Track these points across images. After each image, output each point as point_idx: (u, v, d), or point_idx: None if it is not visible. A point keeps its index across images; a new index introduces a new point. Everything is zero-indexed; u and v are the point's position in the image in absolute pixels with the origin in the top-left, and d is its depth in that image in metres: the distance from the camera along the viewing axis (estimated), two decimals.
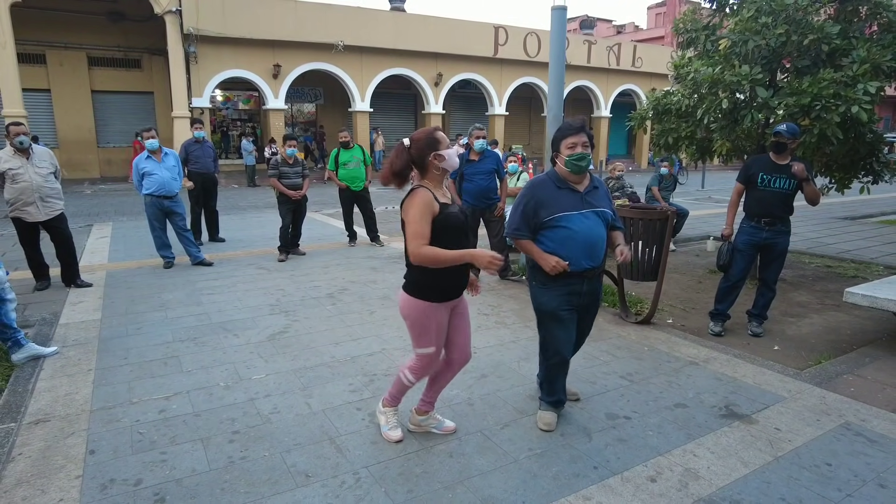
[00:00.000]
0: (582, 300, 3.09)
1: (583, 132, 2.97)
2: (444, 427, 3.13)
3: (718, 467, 2.79)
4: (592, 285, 3.12)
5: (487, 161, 6.18)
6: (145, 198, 6.85)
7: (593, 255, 3.02)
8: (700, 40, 6.09)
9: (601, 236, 3.04)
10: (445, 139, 2.75)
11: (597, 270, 3.09)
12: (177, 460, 2.86)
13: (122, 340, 4.52)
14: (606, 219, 3.08)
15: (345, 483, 2.67)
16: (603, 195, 3.12)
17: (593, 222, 3.01)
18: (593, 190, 3.07)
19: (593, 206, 3.03)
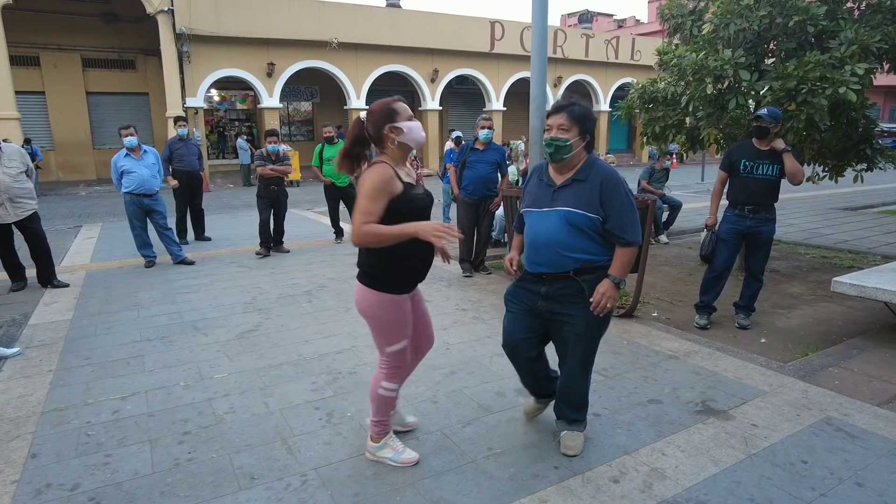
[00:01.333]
0: (539, 305, 2.65)
1: (561, 112, 2.51)
2: (406, 423, 2.98)
3: (687, 466, 2.64)
4: (554, 290, 2.60)
5: (492, 152, 6.11)
6: (125, 196, 6.74)
7: (547, 261, 2.58)
8: (686, 26, 5.92)
9: (554, 240, 2.54)
10: (406, 111, 2.47)
11: (550, 276, 2.60)
12: (120, 463, 2.74)
13: (88, 340, 4.41)
14: (571, 220, 2.50)
15: (290, 485, 2.54)
16: (585, 192, 2.50)
17: (551, 224, 2.54)
18: (574, 184, 2.53)
19: (559, 205, 2.53)
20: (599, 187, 2.49)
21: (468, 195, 6.05)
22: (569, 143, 2.49)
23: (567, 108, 2.51)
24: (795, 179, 4.37)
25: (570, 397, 2.79)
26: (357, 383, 3.55)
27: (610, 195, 2.49)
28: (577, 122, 2.49)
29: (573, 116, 2.49)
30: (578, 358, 2.67)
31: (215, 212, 11.88)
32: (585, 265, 2.55)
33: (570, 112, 2.49)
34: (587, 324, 2.58)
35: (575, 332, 2.61)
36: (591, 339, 2.65)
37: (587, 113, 2.54)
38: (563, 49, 22.94)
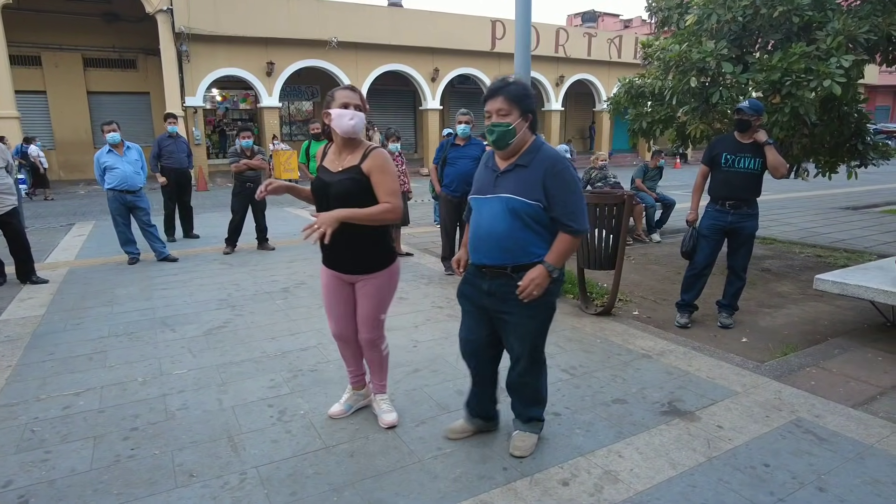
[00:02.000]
0: (482, 301, 2.51)
1: (498, 96, 2.32)
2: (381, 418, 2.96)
3: (643, 469, 2.52)
4: (495, 287, 2.45)
5: (473, 148, 6.00)
6: (108, 192, 6.70)
7: (487, 252, 2.42)
8: (673, 18, 5.80)
9: (495, 230, 2.38)
10: (343, 98, 2.55)
11: (491, 270, 2.44)
12: (59, 460, 2.66)
13: (55, 336, 4.35)
14: (512, 207, 2.34)
15: (227, 483, 2.45)
16: (527, 177, 2.34)
17: (492, 211, 2.39)
18: (516, 169, 2.37)
19: (501, 191, 2.38)
20: (543, 172, 2.34)
21: (450, 192, 5.95)
22: (511, 128, 2.32)
23: (503, 89, 2.33)
24: (777, 173, 4.24)
25: (522, 393, 2.67)
26: (316, 381, 3.46)
27: (553, 180, 2.33)
28: (516, 104, 2.32)
29: (511, 97, 2.31)
30: (526, 354, 2.54)
31: (209, 210, 11.84)
32: (526, 264, 2.39)
33: (507, 93, 2.32)
34: (529, 320, 2.45)
35: (516, 329, 2.48)
36: (534, 334, 2.52)
37: (525, 91, 2.37)
38: (564, 48, 22.78)
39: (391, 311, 4.77)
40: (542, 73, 22.85)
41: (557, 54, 22.66)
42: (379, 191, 2.58)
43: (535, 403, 2.69)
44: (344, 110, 2.53)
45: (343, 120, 2.52)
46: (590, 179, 8.08)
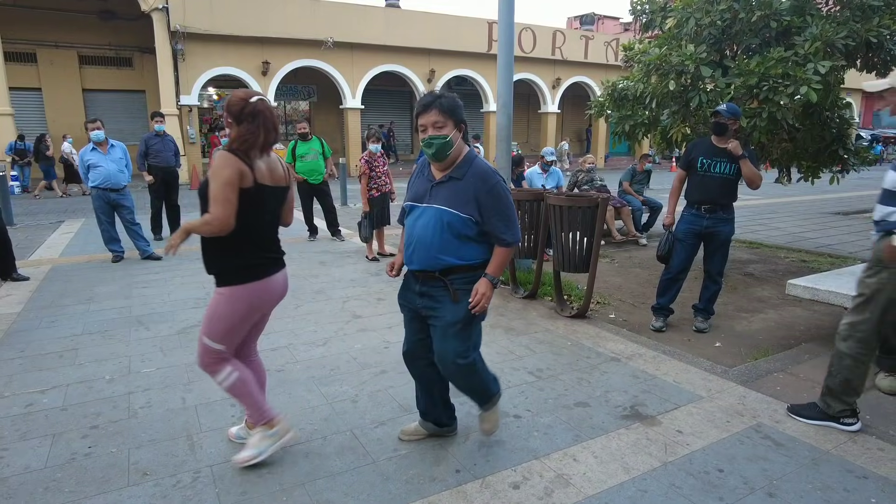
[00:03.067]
0: (416, 302, 2.53)
1: (432, 109, 2.35)
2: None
3: (596, 473, 2.52)
4: (426, 289, 2.48)
5: None
6: (91, 190, 6.70)
7: (419, 258, 2.44)
8: (656, 22, 5.80)
9: (426, 239, 2.40)
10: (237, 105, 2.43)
11: (423, 273, 2.47)
12: (14, 457, 2.66)
13: (28, 333, 4.35)
14: (444, 219, 2.36)
15: (180, 482, 2.45)
16: (460, 190, 2.37)
17: (426, 220, 2.41)
18: (450, 181, 2.40)
19: (434, 202, 2.41)
20: (475, 186, 2.37)
21: None
22: (448, 139, 2.35)
23: (435, 102, 2.35)
24: (753, 185, 4.25)
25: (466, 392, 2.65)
26: (282, 381, 3.46)
27: (486, 195, 2.37)
28: (450, 115, 2.35)
29: (444, 110, 2.34)
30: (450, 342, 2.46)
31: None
32: (453, 267, 2.42)
33: (440, 106, 2.34)
34: (454, 317, 2.43)
35: (442, 325, 2.46)
36: (461, 328, 2.45)
37: (456, 103, 2.40)
38: (561, 50, 22.80)
39: (367, 311, 4.82)
40: (538, 76, 22.87)
41: (554, 57, 22.67)
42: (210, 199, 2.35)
43: (483, 394, 2.64)
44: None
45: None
46: (577, 182, 8.09)
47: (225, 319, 2.47)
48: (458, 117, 2.38)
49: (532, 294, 5.08)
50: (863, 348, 2.86)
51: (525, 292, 5.15)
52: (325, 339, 4.17)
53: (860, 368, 2.88)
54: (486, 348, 3.90)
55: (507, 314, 4.67)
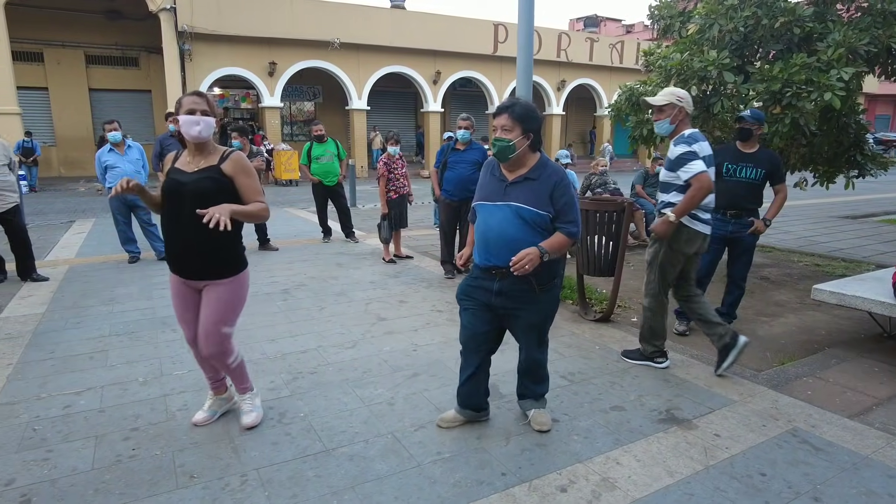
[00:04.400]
0: (492, 300, 2.72)
1: (503, 113, 2.60)
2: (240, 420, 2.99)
3: (640, 477, 2.55)
4: (506, 286, 2.67)
5: (473, 152, 6.03)
6: (108, 191, 6.71)
7: (497, 253, 2.62)
8: (675, 27, 5.83)
9: (506, 234, 2.60)
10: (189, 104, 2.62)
11: (501, 271, 2.64)
12: (61, 459, 2.68)
13: (56, 334, 4.37)
14: (523, 215, 2.59)
15: (228, 485, 2.47)
16: (537, 190, 2.60)
17: (503, 217, 2.61)
18: (525, 182, 2.62)
19: (511, 200, 2.62)
20: (552, 187, 2.61)
21: (449, 196, 5.98)
22: (512, 144, 2.57)
23: (508, 108, 2.59)
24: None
25: (534, 373, 2.95)
26: (316, 383, 3.48)
27: (561, 194, 2.62)
28: (518, 122, 2.57)
29: (514, 116, 2.57)
30: (535, 340, 2.85)
31: None
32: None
33: (512, 112, 2.57)
34: (539, 316, 2.77)
35: (529, 324, 2.77)
36: (543, 324, 2.83)
37: (528, 112, 2.60)
38: (566, 52, 22.85)
39: (391, 313, 4.84)
40: (543, 78, 22.90)
41: (559, 59, 22.71)
42: (248, 192, 2.73)
43: (544, 380, 2.99)
44: (190, 116, 2.60)
45: (190, 126, 2.61)
46: (590, 185, 8.11)
47: (242, 301, 2.88)
48: (526, 125, 2.58)
49: None
50: (654, 302, 3.77)
51: (599, 314, 5.05)
52: (353, 341, 4.19)
53: (658, 317, 3.76)
54: (513, 353, 3.92)
55: None
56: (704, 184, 3.42)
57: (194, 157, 2.73)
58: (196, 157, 2.73)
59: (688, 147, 3.48)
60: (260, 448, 2.76)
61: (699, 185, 3.42)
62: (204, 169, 2.68)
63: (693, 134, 3.55)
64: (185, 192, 2.65)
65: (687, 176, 3.46)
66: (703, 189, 3.43)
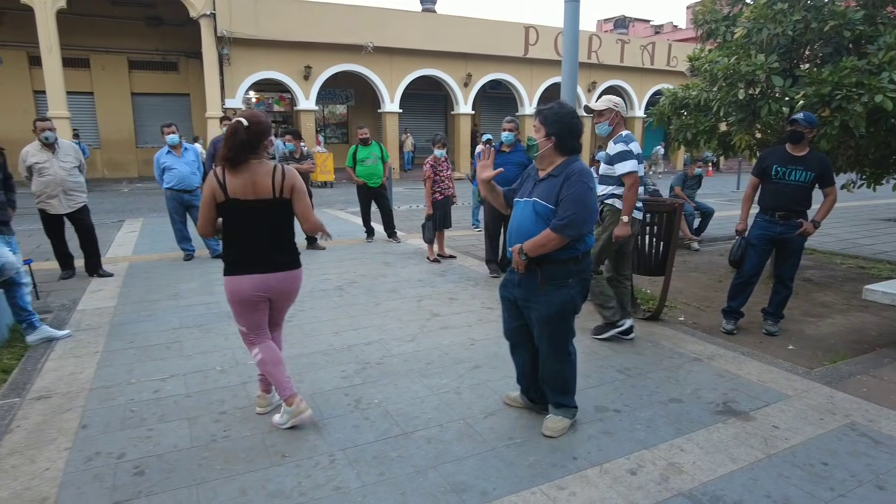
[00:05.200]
0: (514, 294, 2.91)
1: (535, 116, 2.86)
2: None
3: (704, 463, 2.68)
4: (523, 279, 2.80)
5: (517, 154, 6.17)
6: (166, 192, 7.03)
7: (512, 243, 2.82)
8: (720, 31, 5.90)
9: (522, 227, 2.76)
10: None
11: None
12: (162, 437, 2.91)
13: (131, 326, 4.65)
14: (537, 209, 2.72)
15: (319, 464, 2.67)
16: (553, 185, 2.72)
17: (523, 211, 2.80)
18: (547, 178, 2.77)
19: (534, 195, 2.78)
20: (562, 182, 2.70)
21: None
22: (535, 143, 2.80)
23: (540, 112, 2.80)
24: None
25: (548, 379, 2.96)
26: (385, 373, 3.67)
27: (567, 187, 2.67)
28: (543, 125, 2.75)
29: (541, 119, 2.78)
30: (545, 340, 2.86)
31: None
32: (543, 256, 2.73)
33: (540, 114, 2.79)
34: (548, 310, 2.78)
35: (536, 317, 2.83)
36: (553, 322, 2.81)
37: (554, 117, 2.73)
38: (597, 54, 22.84)
39: (443, 310, 5.03)
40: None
41: (590, 60, 22.71)
42: None
43: (561, 391, 2.96)
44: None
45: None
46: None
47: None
48: (550, 129, 2.74)
49: None
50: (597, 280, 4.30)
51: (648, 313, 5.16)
52: (412, 335, 4.38)
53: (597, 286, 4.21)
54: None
55: (581, 315, 4.80)
56: (636, 181, 4.04)
57: None
58: None
59: (625, 146, 4.09)
60: (342, 431, 2.96)
61: (632, 182, 4.02)
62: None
63: (628, 135, 4.16)
64: None
65: (622, 171, 4.05)
66: (636, 185, 4.04)
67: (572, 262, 2.76)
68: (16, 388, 3.50)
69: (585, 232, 2.73)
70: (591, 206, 2.69)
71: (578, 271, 2.79)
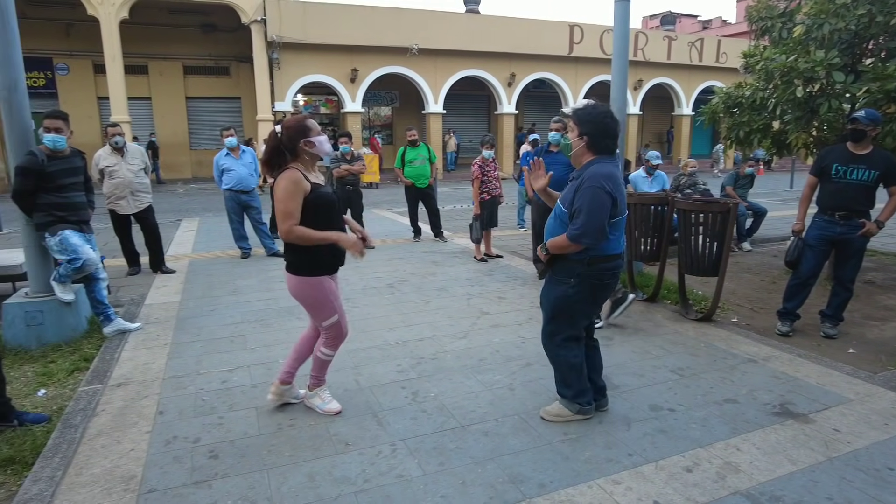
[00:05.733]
0: None
1: (571, 116, 2.96)
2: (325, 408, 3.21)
3: (762, 463, 2.68)
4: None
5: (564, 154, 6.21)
6: (224, 192, 7.34)
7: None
8: (776, 28, 5.78)
9: (549, 226, 2.98)
10: (316, 127, 2.96)
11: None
12: (232, 424, 3.09)
13: (196, 320, 4.90)
14: (556, 212, 2.95)
15: (381, 453, 2.79)
16: (572, 189, 2.85)
17: (553, 211, 3.00)
18: (573, 180, 2.91)
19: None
20: (577, 188, 2.80)
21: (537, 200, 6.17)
22: (568, 143, 2.96)
23: (575, 111, 2.90)
24: None
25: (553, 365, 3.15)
26: (438, 368, 3.78)
27: (580, 196, 2.77)
28: (576, 125, 2.85)
29: (574, 119, 2.88)
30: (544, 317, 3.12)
31: None
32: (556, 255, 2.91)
33: (575, 115, 2.90)
34: (544, 298, 3.11)
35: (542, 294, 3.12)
36: (546, 312, 3.08)
37: (586, 117, 2.83)
38: (643, 52, 22.45)
39: (493, 308, 5.11)
40: None
41: (636, 58, 22.33)
42: None
43: (558, 380, 3.12)
44: (324, 137, 2.96)
45: (326, 146, 2.98)
46: (678, 186, 8.08)
47: None
48: (582, 129, 2.83)
49: (653, 297, 5.21)
50: None
51: (644, 296, 5.29)
52: (463, 332, 4.47)
53: None
54: (621, 347, 4.12)
55: (631, 316, 4.83)
56: None
57: (311, 173, 3.03)
58: (314, 173, 3.06)
59: None
60: (401, 422, 3.08)
61: None
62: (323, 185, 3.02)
63: None
64: (335, 202, 3.05)
65: None
66: None
67: (578, 263, 2.86)
68: (98, 375, 3.76)
69: (601, 238, 2.77)
70: (599, 214, 2.72)
71: (585, 274, 2.86)
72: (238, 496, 2.47)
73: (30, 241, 4.32)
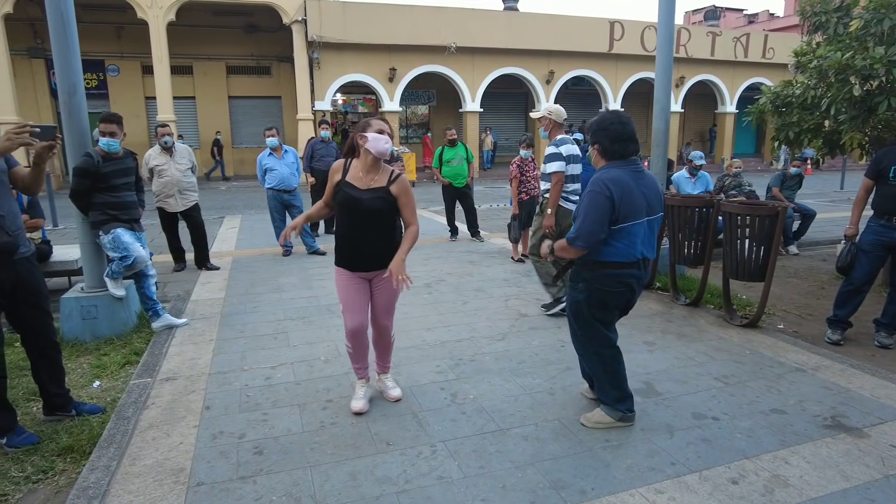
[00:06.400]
0: None
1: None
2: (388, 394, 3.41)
3: (813, 477, 2.59)
4: None
5: None
6: (267, 191, 7.50)
7: None
8: (831, 23, 5.56)
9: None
10: (378, 125, 3.01)
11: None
12: (276, 421, 3.17)
13: (240, 316, 5.03)
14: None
15: (422, 454, 2.81)
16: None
17: None
18: None
19: None
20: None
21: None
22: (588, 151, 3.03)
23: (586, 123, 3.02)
24: None
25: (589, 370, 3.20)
26: (477, 370, 3.79)
27: (580, 201, 2.93)
28: (589, 132, 2.97)
29: (588, 127, 3.02)
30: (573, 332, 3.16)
31: None
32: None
33: (589, 124, 3.00)
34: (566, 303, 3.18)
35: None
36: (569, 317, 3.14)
37: (596, 126, 2.91)
38: (686, 48, 21.91)
39: (531, 310, 5.08)
40: None
41: (678, 54, 21.80)
42: (407, 211, 3.09)
43: (597, 386, 3.14)
44: (381, 135, 2.98)
45: (380, 143, 2.97)
46: (723, 187, 7.87)
47: None
48: (593, 137, 2.92)
49: (696, 301, 5.10)
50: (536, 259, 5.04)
51: (687, 300, 5.18)
52: (501, 334, 4.47)
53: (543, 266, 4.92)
54: (663, 353, 4.05)
55: (674, 321, 4.74)
56: (560, 179, 4.71)
57: (367, 173, 3.03)
58: (370, 173, 3.04)
59: (555, 149, 4.75)
60: (441, 423, 3.10)
61: (556, 180, 4.70)
62: (375, 189, 3.03)
63: (562, 139, 4.81)
64: (362, 208, 3.02)
65: (549, 170, 4.73)
66: (559, 183, 4.71)
67: (583, 268, 2.96)
68: (147, 369, 3.90)
69: (595, 241, 2.79)
70: (594, 217, 2.75)
71: (590, 278, 2.93)
72: (283, 492, 2.53)
73: (85, 238, 4.51)
